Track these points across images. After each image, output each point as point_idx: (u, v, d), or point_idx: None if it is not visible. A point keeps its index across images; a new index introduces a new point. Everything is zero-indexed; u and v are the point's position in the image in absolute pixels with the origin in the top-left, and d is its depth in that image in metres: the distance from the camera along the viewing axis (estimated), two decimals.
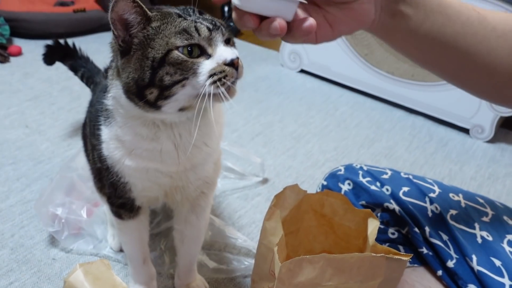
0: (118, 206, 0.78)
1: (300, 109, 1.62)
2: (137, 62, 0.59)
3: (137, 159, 0.67)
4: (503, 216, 0.79)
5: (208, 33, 0.59)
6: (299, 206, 0.67)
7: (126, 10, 0.57)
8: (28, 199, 1.11)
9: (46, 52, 1.26)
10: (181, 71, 0.58)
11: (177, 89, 0.58)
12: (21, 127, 1.39)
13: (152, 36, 0.58)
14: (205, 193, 0.81)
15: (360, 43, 1.75)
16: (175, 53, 0.57)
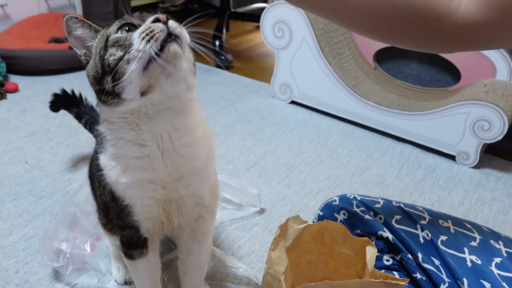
0: (127, 245, 0.82)
1: (292, 139, 1.67)
2: (92, 62, 0.67)
3: (130, 173, 0.71)
4: (490, 240, 0.83)
5: (139, 14, 0.67)
6: (301, 236, 0.71)
7: (77, 28, 0.68)
8: (31, 235, 1.13)
9: (53, 100, 1.33)
10: (120, 48, 0.62)
11: (123, 67, 0.61)
12: (20, 163, 1.42)
13: (100, 38, 0.67)
14: (204, 218, 0.85)
15: (348, 75, 1.82)
16: (112, 35, 0.64)
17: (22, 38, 2.21)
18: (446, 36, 0.66)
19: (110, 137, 0.71)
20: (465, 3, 0.63)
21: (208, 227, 0.87)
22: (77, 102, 1.32)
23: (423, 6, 0.63)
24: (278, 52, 1.91)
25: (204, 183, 0.78)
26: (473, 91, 1.54)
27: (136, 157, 0.70)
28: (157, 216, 0.78)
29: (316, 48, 1.80)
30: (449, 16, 0.64)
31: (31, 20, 2.38)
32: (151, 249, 0.84)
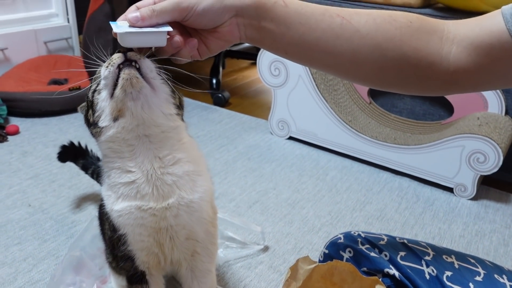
0: (128, 279, 0.85)
1: (292, 175, 1.70)
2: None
3: (122, 201, 0.76)
4: (494, 275, 0.85)
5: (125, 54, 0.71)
6: (310, 276, 0.73)
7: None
8: (36, 279, 1.13)
9: (61, 151, 1.38)
10: (95, 81, 0.73)
11: (96, 98, 0.72)
12: (24, 206, 1.42)
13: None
14: (199, 254, 0.87)
15: (344, 111, 1.87)
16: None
17: (22, 81, 2.24)
18: (438, 82, 0.70)
19: (106, 168, 0.78)
20: (455, 50, 0.67)
21: (206, 264, 0.89)
22: (83, 154, 1.37)
23: (414, 56, 0.67)
24: (275, 89, 1.96)
25: (194, 217, 0.81)
26: (466, 125, 1.59)
27: (125, 183, 0.76)
28: (149, 247, 0.81)
29: (312, 85, 1.85)
30: (440, 63, 0.68)
31: (31, 63, 2.43)
32: (152, 286, 0.85)
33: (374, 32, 0.67)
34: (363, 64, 0.68)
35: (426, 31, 0.68)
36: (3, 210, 1.40)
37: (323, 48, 0.68)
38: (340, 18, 0.67)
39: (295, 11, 0.67)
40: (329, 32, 0.67)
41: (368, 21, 0.67)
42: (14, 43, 2.41)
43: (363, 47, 0.67)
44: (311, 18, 0.67)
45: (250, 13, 0.65)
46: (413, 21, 0.69)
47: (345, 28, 0.67)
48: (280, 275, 1.18)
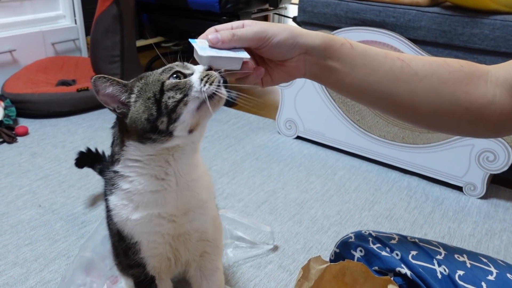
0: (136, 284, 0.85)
1: (300, 175, 1.69)
2: (142, 106, 0.70)
3: (142, 209, 0.76)
4: (507, 274, 0.84)
5: (181, 63, 0.73)
6: (322, 276, 0.73)
7: (106, 87, 0.70)
8: (47, 279, 1.13)
9: (78, 157, 1.40)
10: (180, 90, 0.68)
11: (181, 108, 0.68)
12: (34, 207, 1.43)
13: (144, 87, 0.71)
14: (209, 254, 0.89)
15: (352, 110, 1.86)
16: (168, 81, 0.69)
17: (30, 82, 2.26)
18: (488, 124, 0.72)
19: (131, 174, 0.75)
20: (499, 94, 0.70)
21: (214, 262, 0.90)
22: (100, 159, 1.39)
23: (465, 99, 0.70)
24: (282, 89, 1.96)
25: (207, 216, 0.83)
26: None
27: (154, 191, 0.75)
28: (163, 253, 0.82)
29: (319, 84, 1.85)
30: (488, 106, 0.70)
31: (39, 64, 2.44)
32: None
33: (430, 75, 0.70)
34: (420, 106, 0.72)
35: (475, 75, 0.71)
36: (14, 211, 1.41)
37: (384, 90, 0.71)
38: (400, 61, 0.71)
39: (360, 53, 0.70)
40: (390, 75, 0.70)
41: (425, 65, 0.71)
42: (22, 44, 2.43)
43: (420, 89, 0.70)
44: (374, 61, 0.70)
45: (318, 52, 0.69)
46: (464, 65, 0.72)
47: (405, 71, 0.70)
48: (289, 275, 1.18)
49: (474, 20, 1.56)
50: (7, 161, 1.71)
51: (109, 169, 0.78)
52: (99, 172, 1.37)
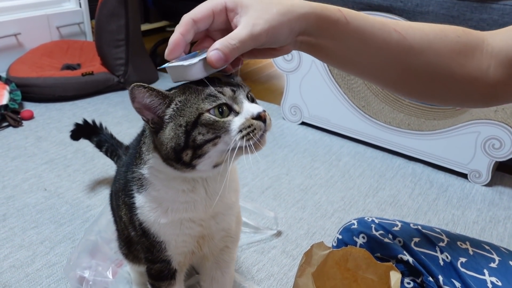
0: (155, 277, 0.84)
1: (304, 161, 1.69)
2: (172, 132, 0.64)
3: (172, 214, 0.74)
4: (509, 261, 0.84)
5: (232, 92, 0.64)
6: (325, 262, 0.73)
7: (144, 97, 0.63)
8: (53, 262, 1.15)
9: (74, 129, 1.38)
10: (213, 130, 0.62)
11: (208, 147, 0.63)
12: (39, 191, 1.44)
13: (181, 108, 0.63)
14: (229, 248, 0.89)
15: (357, 96, 1.85)
16: (206, 115, 0.62)
17: (35, 66, 2.26)
18: (480, 96, 0.71)
19: (157, 183, 0.73)
20: (493, 64, 0.69)
21: (232, 255, 0.90)
22: (97, 131, 1.37)
23: (460, 72, 0.69)
24: (287, 74, 1.95)
25: (233, 216, 0.83)
26: (482, 110, 1.56)
27: (184, 201, 0.73)
28: (189, 250, 0.82)
29: (325, 70, 1.84)
30: (482, 78, 0.69)
31: (44, 48, 2.44)
32: (178, 280, 0.86)
33: (427, 49, 0.68)
34: (412, 80, 0.70)
35: (471, 45, 0.70)
36: (19, 194, 1.42)
37: (376, 64, 0.69)
38: (397, 33, 0.68)
39: (355, 28, 0.66)
40: (384, 49, 0.67)
41: (422, 37, 0.69)
42: (26, 28, 2.42)
43: (414, 64, 0.69)
44: (370, 35, 0.66)
45: (311, 31, 0.64)
46: (461, 35, 0.70)
47: (400, 46, 0.68)
48: (292, 260, 1.19)
49: (483, 5, 1.53)
50: (13, 145, 1.72)
51: (136, 167, 0.75)
52: (97, 145, 1.37)
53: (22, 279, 1.09)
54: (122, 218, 0.88)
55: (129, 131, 1.82)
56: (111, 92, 2.25)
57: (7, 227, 1.27)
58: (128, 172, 0.79)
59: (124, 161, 0.91)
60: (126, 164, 0.85)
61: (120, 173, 0.88)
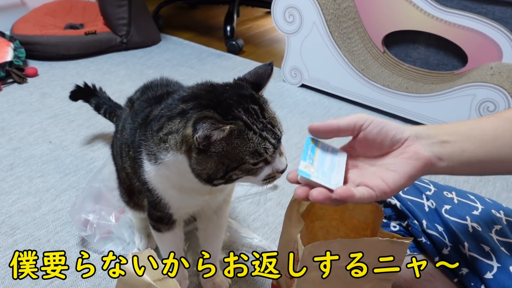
0: (156, 221, 0.89)
1: (302, 121, 1.73)
2: (213, 164, 0.68)
3: (179, 191, 0.80)
4: (492, 210, 0.89)
5: (273, 150, 0.70)
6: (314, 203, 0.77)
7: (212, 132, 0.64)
8: (59, 208, 1.20)
9: (74, 90, 1.43)
10: (246, 173, 0.70)
11: (241, 177, 0.71)
12: (45, 143, 1.49)
13: (230, 151, 0.67)
14: (227, 201, 0.95)
15: (357, 59, 1.87)
16: (247, 165, 0.68)
17: (39, 25, 2.27)
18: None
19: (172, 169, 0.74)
20: None
21: (228, 202, 0.96)
22: (96, 94, 1.43)
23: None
24: (288, 36, 1.96)
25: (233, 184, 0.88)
26: (479, 74, 1.59)
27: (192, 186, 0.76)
28: (191, 211, 0.90)
29: (326, 32, 1.85)
30: None
31: (47, 7, 2.44)
32: (177, 225, 0.91)
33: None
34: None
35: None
36: (25, 146, 1.47)
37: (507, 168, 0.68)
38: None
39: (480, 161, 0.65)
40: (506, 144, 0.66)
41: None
42: None
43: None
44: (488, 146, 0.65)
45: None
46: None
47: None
48: None
49: None
50: (18, 100, 1.76)
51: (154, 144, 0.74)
52: (95, 108, 1.42)
53: (29, 222, 1.15)
54: (125, 169, 0.92)
55: (131, 90, 1.82)
56: (114, 52, 2.26)
57: (14, 176, 1.32)
58: (139, 134, 0.80)
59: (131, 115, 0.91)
60: (135, 122, 0.85)
61: (127, 127, 0.89)
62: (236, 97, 0.69)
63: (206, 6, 3.25)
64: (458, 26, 1.61)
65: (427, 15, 1.66)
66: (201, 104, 0.68)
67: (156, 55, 2.28)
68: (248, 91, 0.71)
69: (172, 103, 0.73)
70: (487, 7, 1.59)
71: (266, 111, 0.71)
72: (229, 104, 0.68)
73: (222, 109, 0.67)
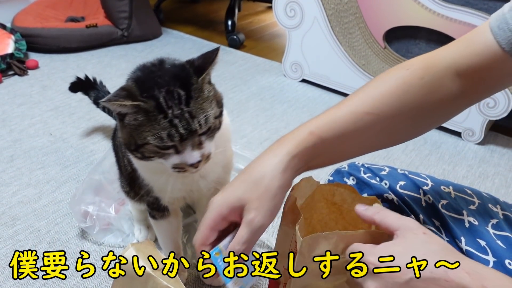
0: (149, 207, 0.91)
1: (303, 116, 1.73)
2: (126, 135, 0.71)
3: (150, 171, 0.80)
4: (488, 204, 0.89)
5: (179, 139, 0.67)
6: (313, 196, 0.77)
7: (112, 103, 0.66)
8: (59, 199, 1.21)
9: (75, 82, 1.43)
10: (154, 154, 0.69)
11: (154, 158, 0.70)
12: (45, 135, 1.50)
13: (136, 126, 0.68)
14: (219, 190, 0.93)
15: (358, 54, 1.87)
16: (151, 146, 0.68)
17: (40, 17, 2.27)
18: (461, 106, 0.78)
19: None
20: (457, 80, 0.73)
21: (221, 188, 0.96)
22: (96, 88, 1.43)
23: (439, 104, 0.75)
24: (289, 31, 1.96)
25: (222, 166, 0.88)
26: None
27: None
28: (178, 197, 0.88)
29: (327, 27, 1.85)
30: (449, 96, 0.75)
31: (48, 0, 2.44)
32: (172, 213, 0.92)
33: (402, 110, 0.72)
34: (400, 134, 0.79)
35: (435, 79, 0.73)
36: (26, 138, 1.47)
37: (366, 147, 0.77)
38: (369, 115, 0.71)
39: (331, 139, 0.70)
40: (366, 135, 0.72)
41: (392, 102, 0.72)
42: None
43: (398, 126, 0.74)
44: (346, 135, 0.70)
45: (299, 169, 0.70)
46: (423, 76, 0.72)
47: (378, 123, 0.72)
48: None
49: None
50: (19, 92, 1.76)
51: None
52: (94, 101, 1.42)
53: (29, 213, 1.15)
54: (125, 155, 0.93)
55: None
56: (115, 45, 2.26)
57: (14, 167, 1.32)
58: None
59: None
60: None
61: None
62: (168, 77, 0.68)
63: (207, 1, 3.25)
64: (460, 22, 1.61)
65: (428, 10, 1.66)
66: (133, 77, 0.70)
67: (157, 49, 2.28)
68: (185, 74, 0.69)
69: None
70: (489, 3, 1.59)
71: (194, 99, 0.68)
72: (156, 82, 0.67)
73: (145, 85, 0.67)
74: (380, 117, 0.71)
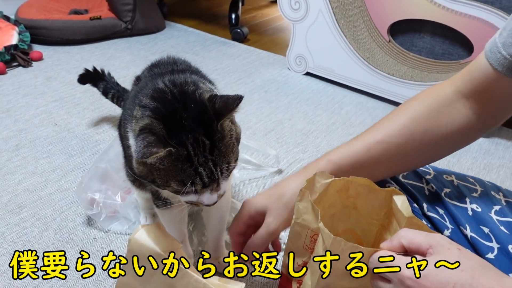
0: (153, 195, 0.90)
1: (307, 108, 1.73)
2: (145, 170, 0.68)
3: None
4: (491, 192, 0.90)
5: (201, 186, 0.67)
6: (326, 190, 0.75)
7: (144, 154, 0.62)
8: (65, 187, 1.22)
9: (83, 73, 1.45)
10: (172, 192, 0.70)
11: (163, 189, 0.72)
12: (50, 125, 1.50)
13: (161, 169, 0.66)
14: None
15: (362, 47, 1.87)
16: (171, 188, 0.68)
17: (43, 9, 2.27)
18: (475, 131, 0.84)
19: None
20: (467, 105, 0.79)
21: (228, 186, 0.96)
22: (104, 79, 1.43)
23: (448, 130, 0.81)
24: (294, 24, 1.96)
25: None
26: None
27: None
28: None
29: (332, 20, 1.85)
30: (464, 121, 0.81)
31: None
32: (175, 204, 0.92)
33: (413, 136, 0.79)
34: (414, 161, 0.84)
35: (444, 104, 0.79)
36: (31, 127, 1.48)
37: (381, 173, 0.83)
38: (381, 144, 0.79)
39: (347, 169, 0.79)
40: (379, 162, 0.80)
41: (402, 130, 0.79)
42: None
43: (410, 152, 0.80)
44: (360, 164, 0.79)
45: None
46: (430, 104, 0.79)
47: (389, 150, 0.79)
48: None
49: None
50: (23, 83, 1.77)
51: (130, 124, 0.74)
52: (103, 92, 1.43)
53: (36, 201, 1.16)
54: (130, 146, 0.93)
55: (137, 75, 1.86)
56: (119, 38, 2.26)
57: (20, 156, 1.33)
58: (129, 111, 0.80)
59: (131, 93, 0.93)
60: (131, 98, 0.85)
61: (126, 105, 0.90)
62: (192, 121, 0.65)
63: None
64: (465, 15, 1.60)
65: (433, 4, 1.66)
66: (157, 110, 0.67)
67: (161, 42, 2.28)
68: (208, 119, 0.66)
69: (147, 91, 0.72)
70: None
71: (217, 148, 0.67)
72: (182, 125, 0.65)
73: (173, 127, 0.65)
74: (391, 144, 0.78)
